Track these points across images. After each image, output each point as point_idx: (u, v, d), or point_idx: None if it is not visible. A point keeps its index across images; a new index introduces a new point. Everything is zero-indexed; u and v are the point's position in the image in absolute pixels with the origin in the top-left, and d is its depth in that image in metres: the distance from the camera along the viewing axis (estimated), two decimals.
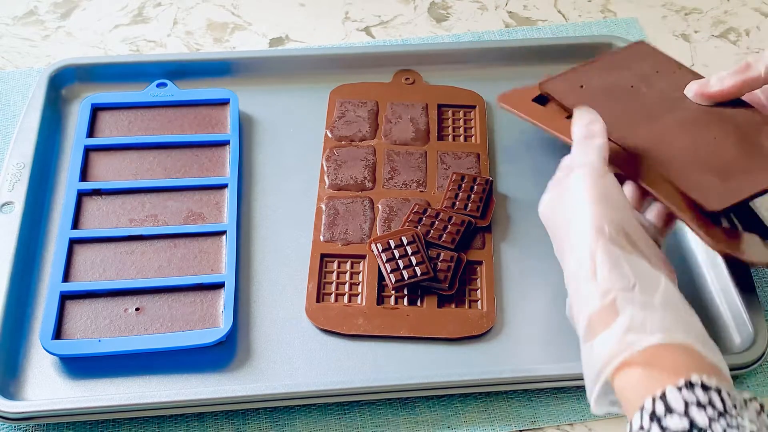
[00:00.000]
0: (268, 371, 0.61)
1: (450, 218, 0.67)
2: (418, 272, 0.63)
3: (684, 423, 0.44)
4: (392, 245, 0.65)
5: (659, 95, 0.67)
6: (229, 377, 0.60)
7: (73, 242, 0.66)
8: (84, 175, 0.70)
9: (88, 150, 0.72)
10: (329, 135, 0.74)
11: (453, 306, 0.64)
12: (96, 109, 0.75)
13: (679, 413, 0.44)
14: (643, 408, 0.45)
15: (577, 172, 0.57)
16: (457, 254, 0.65)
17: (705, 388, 0.45)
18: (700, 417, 0.44)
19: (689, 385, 0.45)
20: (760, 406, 0.46)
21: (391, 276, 0.64)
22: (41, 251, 0.67)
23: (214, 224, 0.68)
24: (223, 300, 0.63)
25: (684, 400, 0.44)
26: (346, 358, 0.62)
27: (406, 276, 0.63)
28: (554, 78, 0.70)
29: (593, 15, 0.88)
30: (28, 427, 0.59)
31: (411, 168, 0.72)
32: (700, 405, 0.44)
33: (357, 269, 0.66)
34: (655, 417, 0.45)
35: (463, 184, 0.70)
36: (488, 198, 0.69)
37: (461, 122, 0.76)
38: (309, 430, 0.59)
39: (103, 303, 0.63)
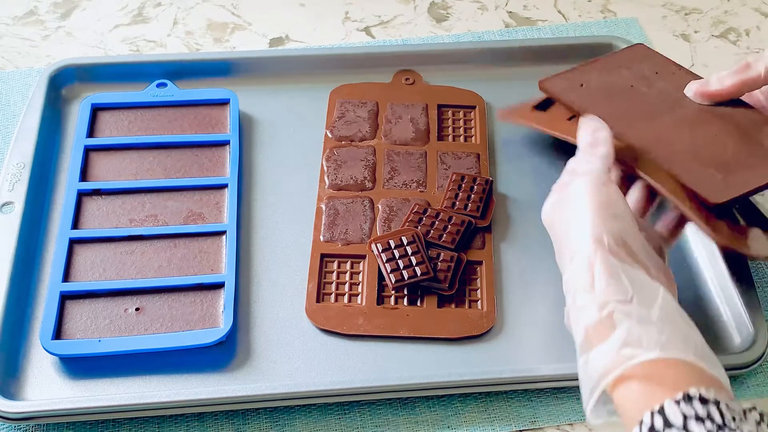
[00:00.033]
0: (268, 371, 0.61)
1: (450, 218, 0.67)
2: (418, 272, 0.63)
3: None
4: (392, 245, 0.65)
5: (659, 95, 0.67)
6: (229, 377, 0.60)
7: (73, 242, 0.66)
8: (84, 175, 0.70)
9: (88, 150, 0.72)
10: (329, 135, 0.74)
11: (453, 306, 0.64)
12: (96, 109, 0.75)
13: (677, 427, 0.44)
14: (641, 423, 0.45)
15: (579, 180, 0.56)
16: (457, 254, 0.65)
17: (703, 401, 0.45)
18: (699, 431, 0.43)
19: (687, 398, 0.45)
20: (760, 415, 0.46)
21: (391, 276, 0.64)
22: (41, 251, 0.67)
23: (214, 224, 0.68)
24: (223, 300, 0.63)
25: (682, 413, 0.44)
26: (346, 358, 0.62)
27: (406, 276, 0.63)
28: (554, 77, 0.70)
29: (593, 15, 0.88)
30: (28, 427, 0.59)
31: (411, 168, 0.72)
32: (699, 419, 0.44)
33: (357, 269, 0.66)
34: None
35: (463, 184, 0.70)
36: (488, 198, 0.69)
37: (461, 122, 0.76)
38: (309, 430, 0.59)
39: (103, 303, 0.63)
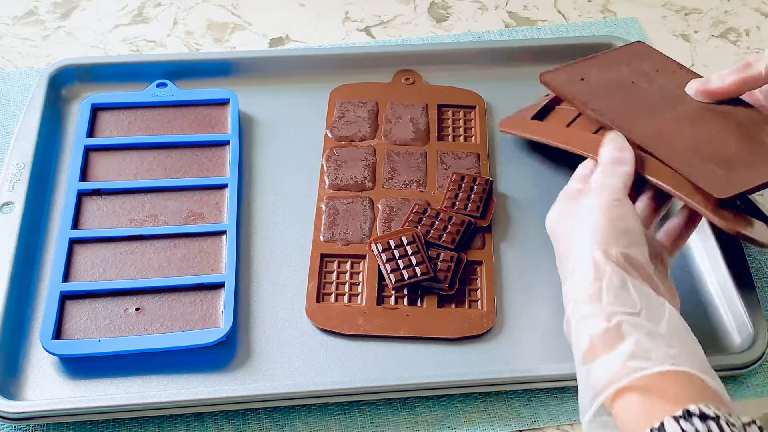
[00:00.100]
0: (268, 371, 0.61)
1: (450, 218, 0.67)
2: (418, 272, 0.63)
3: None
4: (392, 245, 0.65)
5: (660, 91, 0.67)
6: (229, 377, 0.60)
7: (73, 242, 0.66)
8: (84, 175, 0.70)
9: (88, 150, 0.72)
10: (329, 135, 0.74)
11: (453, 306, 0.64)
12: (96, 109, 0.75)
13: None
14: None
15: (595, 192, 0.57)
16: (457, 254, 0.65)
17: (703, 418, 0.45)
18: None
19: (688, 414, 0.45)
20: (759, 429, 0.46)
21: (391, 276, 0.64)
22: (41, 251, 0.67)
23: (214, 224, 0.68)
24: (223, 300, 0.63)
25: (682, 430, 0.44)
26: (346, 358, 0.62)
27: (406, 276, 0.63)
28: (555, 71, 0.70)
29: (593, 15, 0.88)
30: (28, 427, 0.59)
31: (411, 168, 0.72)
32: None
33: (357, 269, 0.66)
34: None
35: (463, 184, 0.70)
36: (488, 198, 0.69)
37: (461, 122, 0.76)
38: (309, 430, 0.59)
39: (103, 303, 0.63)
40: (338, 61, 0.80)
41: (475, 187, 0.69)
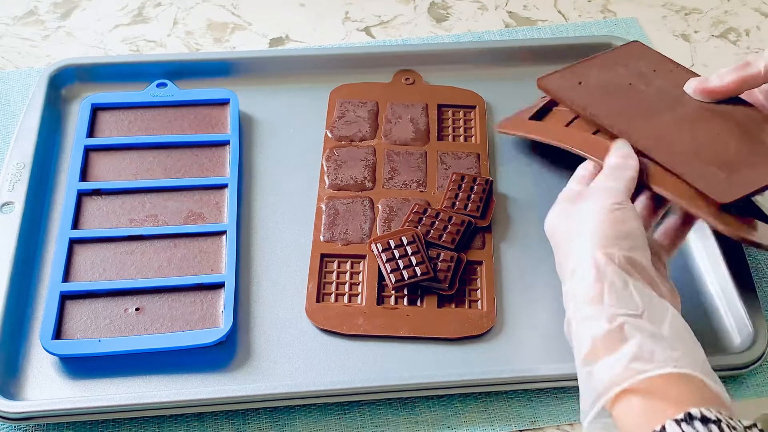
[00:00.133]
0: (268, 371, 0.61)
1: (450, 218, 0.67)
2: (418, 272, 0.63)
3: None
4: (392, 245, 0.65)
5: (658, 93, 0.67)
6: (229, 377, 0.60)
7: (73, 242, 0.66)
8: (84, 175, 0.70)
9: (88, 150, 0.72)
10: (329, 135, 0.74)
11: (453, 306, 0.64)
12: (96, 109, 0.75)
13: None
14: None
15: (598, 195, 0.57)
16: (457, 254, 0.65)
17: (705, 421, 0.45)
18: None
19: (689, 417, 0.45)
20: (761, 431, 0.46)
21: (391, 276, 0.64)
22: (41, 251, 0.67)
23: (214, 224, 0.68)
24: (223, 300, 0.63)
25: None
26: (346, 358, 0.62)
27: (406, 276, 0.63)
28: (552, 75, 0.70)
29: (593, 15, 0.88)
30: (28, 427, 0.59)
31: (411, 168, 0.72)
32: None
33: (357, 269, 0.66)
34: None
35: (463, 184, 0.70)
36: (488, 198, 0.69)
37: (461, 122, 0.76)
38: (309, 430, 0.59)
39: (103, 303, 0.63)
40: (338, 61, 0.80)
41: (475, 187, 0.69)
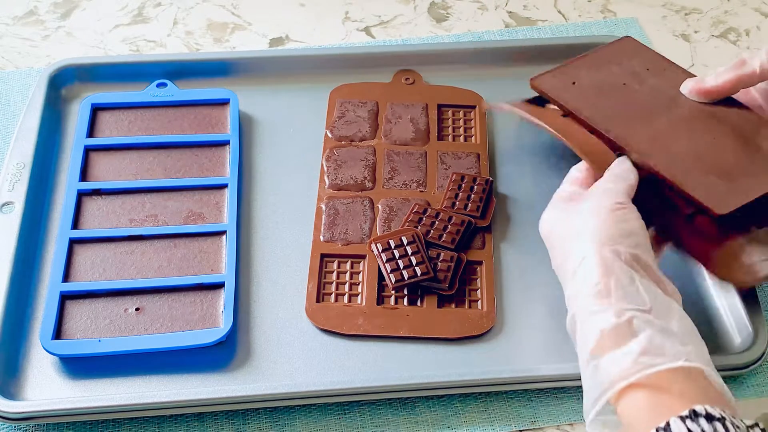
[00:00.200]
0: (268, 371, 0.61)
1: (450, 218, 0.67)
2: (418, 272, 0.63)
3: None
4: (392, 245, 0.65)
5: (652, 93, 0.66)
6: (229, 377, 0.60)
7: (73, 242, 0.66)
8: (84, 175, 0.70)
9: (88, 150, 0.72)
10: (329, 135, 0.74)
11: (453, 306, 0.64)
12: (96, 109, 0.75)
13: None
14: None
15: (599, 195, 0.57)
16: (457, 254, 0.65)
17: (709, 419, 0.45)
18: None
19: (694, 414, 0.45)
20: (762, 431, 0.46)
21: (391, 276, 0.64)
22: (41, 251, 0.67)
23: (214, 224, 0.68)
24: (223, 300, 0.63)
25: (688, 430, 0.44)
26: (346, 358, 0.62)
27: (406, 276, 0.63)
28: (545, 74, 0.70)
29: (593, 15, 0.88)
30: (28, 427, 0.59)
31: (411, 168, 0.72)
32: None
33: (357, 269, 0.66)
34: None
35: (463, 184, 0.70)
36: (488, 198, 0.69)
37: (461, 122, 0.76)
38: (309, 430, 0.59)
39: (103, 303, 0.63)
40: (338, 61, 0.80)
41: (475, 187, 0.69)
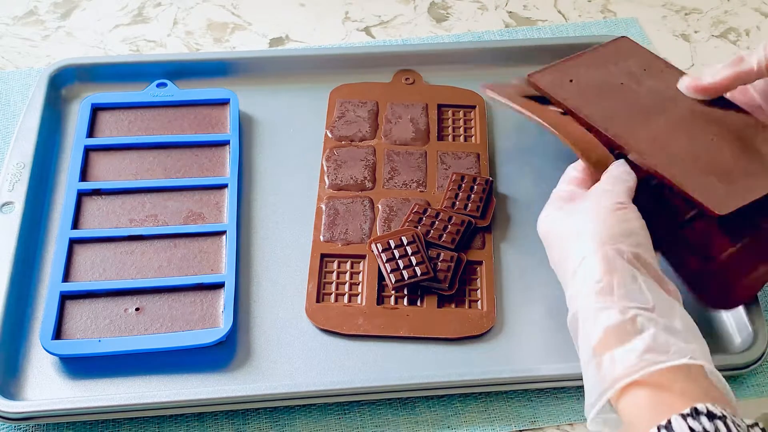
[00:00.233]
0: (268, 371, 0.61)
1: (450, 218, 0.67)
2: (418, 272, 0.63)
3: None
4: (392, 245, 0.65)
5: (650, 93, 0.66)
6: (229, 377, 0.60)
7: (73, 242, 0.66)
8: (84, 175, 0.70)
9: (88, 150, 0.72)
10: (329, 135, 0.74)
11: (453, 306, 0.64)
12: (96, 109, 0.75)
13: None
14: None
15: (598, 196, 0.57)
16: (457, 254, 0.65)
17: (711, 417, 0.45)
18: None
19: (695, 412, 0.45)
20: (762, 430, 0.46)
21: (391, 276, 0.64)
22: (41, 251, 0.67)
23: (214, 224, 0.68)
24: (223, 300, 0.63)
25: (690, 428, 0.44)
26: (346, 358, 0.62)
27: (406, 276, 0.63)
28: (542, 71, 0.69)
29: (593, 15, 0.88)
30: (28, 427, 0.59)
31: (411, 168, 0.72)
32: None
33: (357, 269, 0.66)
34: None
35: (463, 184, 0.70)
36: (488, 198, 0.69)
37: (461, 122, 0.76)
38: (309, 430, 0.59)
39: (103, 303, 0.63)
40: (338, 61, 0.80)
41: (475, 187, 0.69)
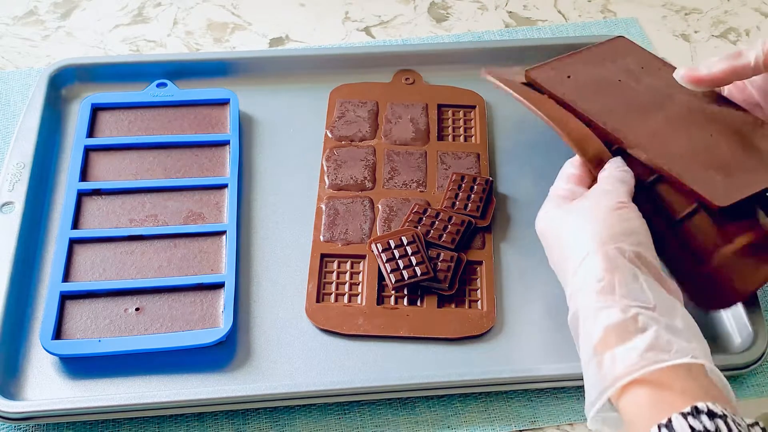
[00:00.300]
0: (268, 371, 0.61)
1: (450, 218, 0.67)
2: (418, 272, 0.63)
3: None
4: (392, 245, 0.65)
5: (648, 91, 0.66)
6: (229, 377, 0.60)
7: (73, 242, 0.66)
8: (84, 175, 0.70)
9: (88, 150, 0.72)
10: (329, 135, 0.74)
11: (453, 306, 0.64)
12: (96, 109, 0.75)
13: None
14: None
15: (599, 195, 0.57)
16: (457, 254, 0.65)
17: (711, 416, 0.45)
18: None
19: (696, 411, 0.45)
20: (762, 430, 0.46)
21: (391, 276, 0.64)
22: (41, 251, 0.67)
23: (214, 224, 0.68)
24: (223, 300, 0.63)
25: (690, 426, 0.44)
26: (346, 358, 0.62)
27: (406, 276, 0.63)
28: (539, 67, 0.69)
29: (593, 15, 0.88)
30: (28, 427, 0.59)
31: (411, 168, 0.72)
32: None
33: (357, 269, 0.66)
34: None
35: (463, 184, 0.70)
36: (488, 198, 0.69)
37: (461, 122, 0.76)
38: (309, 430, 0.59)
39: (103, 303, 0.63)
40: (338, 61, 0.80)
41: (475, 187, 0.69)
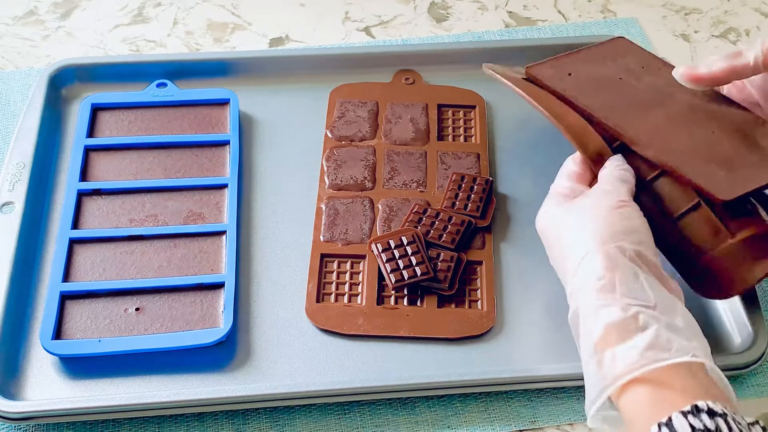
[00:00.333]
0: (268, 371, 0.61)
1: (450, 218, 0.67)
2: (418, 272, 0.63)
3: None
4: (392, 245, 0.65)
5: (649, 89, 0.66)
6: (229, 377, 0.60)
7: (73, 242, 0.66)
8: (84, 175, 0.70)
9: (88, 150, 0.72)
10: (329, 135, 0.74)
11: (453, 306, 0.64)
12: (96, 109, 0.75)
13: None
14: None
15: (599, 194, 0.57)
16: (457, 254, 0.65)
17: (711, 414, 0.45)
18: None
19: (696, 410, 0.45)
20: (763, 429, 0.46)
21: (391, 276, 0.64)
22: (41, 251, 0.67)
23: (214, 224, 0.68)
24: (223, 300, 0.63)
25: (690, 425, 0.44)
26: (346, 358, 0.62)
27: (406, 276, 0.63)
28: (540, 64, 0.69)
29: (593, 15, 0.88)
30: (28, 427, 0.59)
31: (411, 168, 0.72)
32: (707, 431, 0.44)
33: (357, 269, 0.66)
34: None
35: (463, 184, 0.70)
36: (488, 198, 0.69)
37: (461, 122, 0.76)
38: (309, 430, 0.59)
39: (103, 303, 0.63)
40: (338, 61, 0.80)
41: (475, 187, 0.69)
